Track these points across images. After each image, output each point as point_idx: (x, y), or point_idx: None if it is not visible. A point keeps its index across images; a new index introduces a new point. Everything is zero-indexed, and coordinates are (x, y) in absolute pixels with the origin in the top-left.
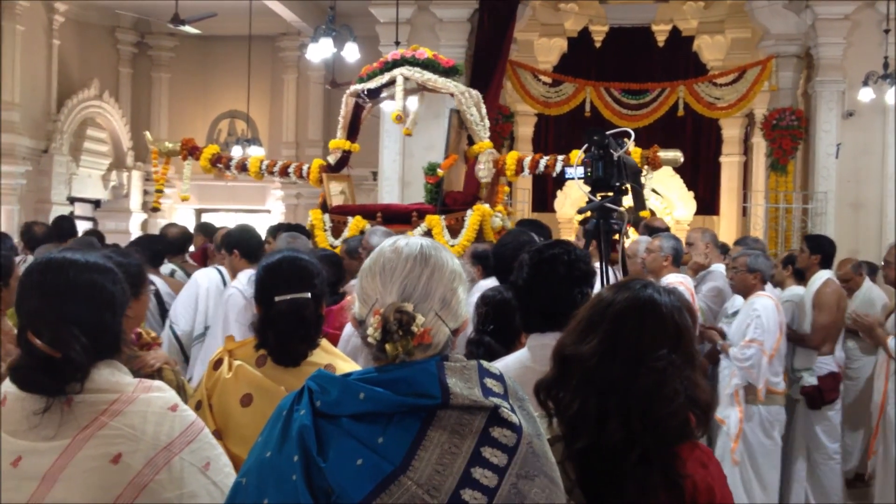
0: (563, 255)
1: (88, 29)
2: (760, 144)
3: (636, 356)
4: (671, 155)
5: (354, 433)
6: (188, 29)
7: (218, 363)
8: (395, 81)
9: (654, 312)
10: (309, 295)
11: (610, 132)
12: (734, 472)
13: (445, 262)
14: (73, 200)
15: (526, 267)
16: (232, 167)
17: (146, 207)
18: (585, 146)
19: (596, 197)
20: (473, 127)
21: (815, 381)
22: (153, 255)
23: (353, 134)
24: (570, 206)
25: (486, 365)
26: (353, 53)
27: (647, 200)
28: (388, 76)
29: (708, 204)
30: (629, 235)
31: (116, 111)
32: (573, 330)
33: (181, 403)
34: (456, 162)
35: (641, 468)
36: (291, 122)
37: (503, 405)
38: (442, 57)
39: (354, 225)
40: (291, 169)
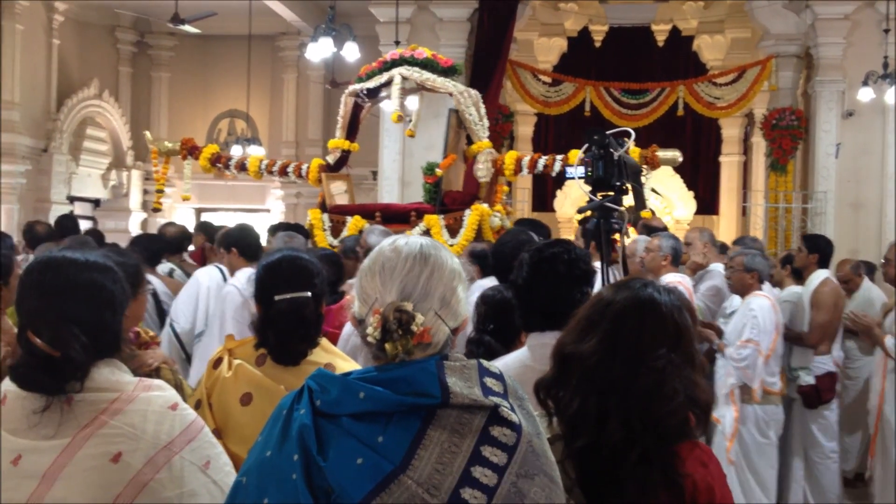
0: (563, 254)
1: (88, 28)
2: (760, 144)
3: (636, 355)
4: (669, 154)
5: (354, 432)
6: (188, 28)
7: (218, 362)
8: (393, 81)
9: (654, 312)
10: (309, 294)
11: (610, 132)
12: (730, 471)
13: (445, 261)
14: (72, 200)
15: (526, 266)
16: (231, 167)
17: (146, 207)
18: (586, 146)
19: (596, 196)
20: (472, 126)
21: (812, 380)
22: (151, 254)
23: (352, 134)
24: (569, 205)
25: (485, 364)
26: (352, 53)
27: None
28: (386, 76)
29: (708, 203)
30: (630, 235)
31: (116, 110)
32: (573, 329)
33: (181, 402)
34: (455, 161)
35: (641, 467)
36: (291, 121)
37: (503, 404)
38: (441, 56)
39: (353, 224)
40: (290, 168)
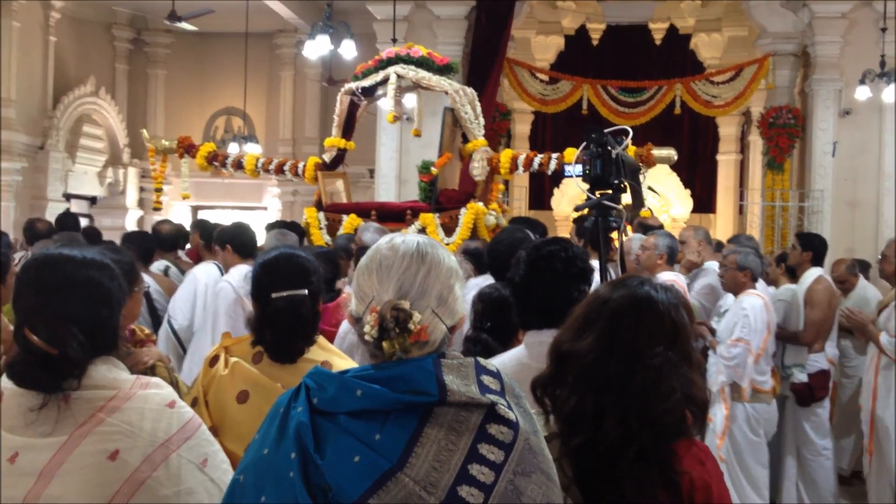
0: (560, 252)
1: (85, 25)
2: (757, 142)
3: (633, 353)
4: (665, 153)
5: (352, 430)
6: (185, 25)
7: (214, 360)
8: (389, 79)
9: (650, 310)
10: (306, 292)
11: (609, 130)
12: (721, 469)
13: (442, 259)
14: (69, 197)
15: (523, 264)
16: (228, 165)
17: (142, 204)
18: (584, 144)
19: (595, 195)
20: (468, 125)
21: (805, 378)
22: (143, 252)
23: (348, 132)
24: (566, 203)
25: (482, 362)
26: (350, 50)
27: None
28: (382, 74)
29: (705, 202)
30: (628, 233)
31: (113, 108)
32: (570, 327)
33: (179, 400)
34: (450, 160)
35: (638, 465)
36: (288, 119)
37: (500, 402)
38: (437, 55)
39: (349, 223)
40: (287, 167)
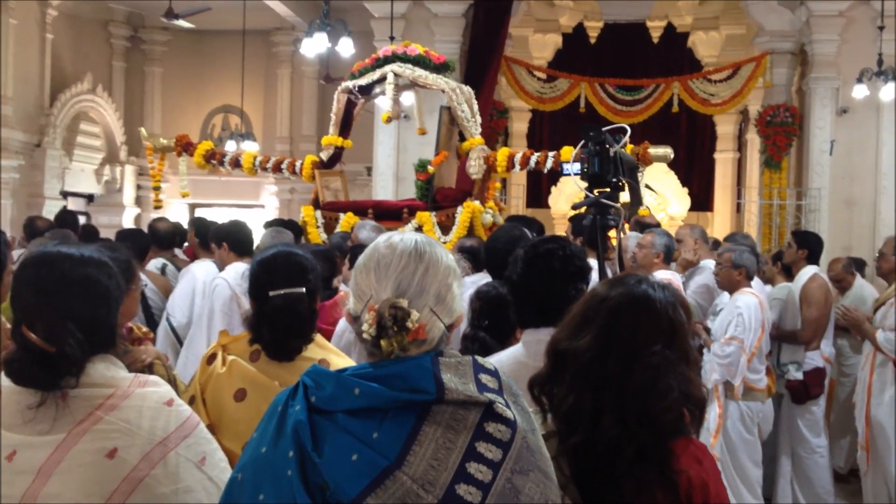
0: (557, 250)
1: (81, 23)
2: (754, 141)
3: (631, 352)
4: (661, 151)
5: (349, 429)
6: (182, 23)
7: (211, 358)
8: (386, 78)
9: (648, 308)
10: (304, 290)
11: (607, 128)
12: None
13: (440, 257)
14: (65, 195)
15: (520, 262)
16: (226, 163)
17: (139, 202)
18: (582, 142)
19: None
20: (464, 123)
21: (800, 375)
22: (138, 250)
23: (345, 130)
24: (564, 201)
25: (480, 360)
26: (347, 48)
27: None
28: (379, 73)
29: (702, 200)
30: (626, 232)
31: (109, 105)
32: (567, 325)
33: (177, 398)
34: (447, 158)
35: (637, 464)
36: (285, 116)
37: (498, 400)
38: (433, 53)
39: (346, 221)
40: (284, 165)
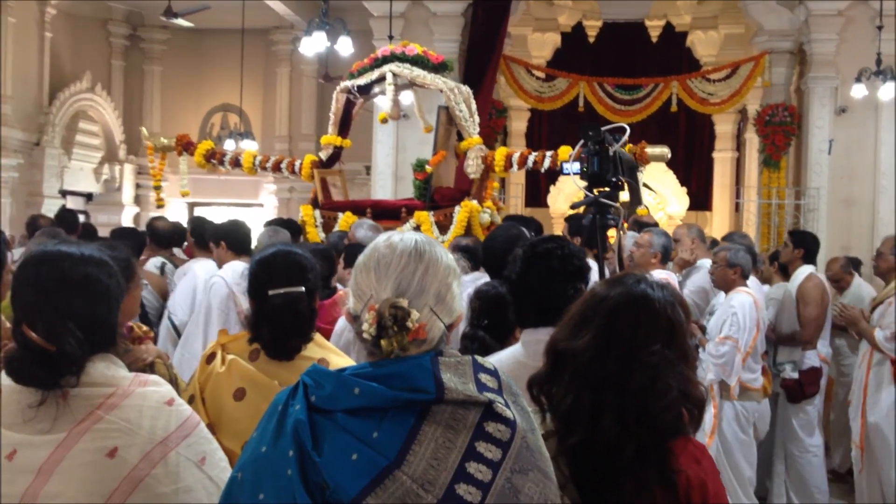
0: (556, 249)
1: (80, 21)
2: (753, 140)
3: (630, 351)
4: (658, 151)
5: (349, 428)
6: (181, 22)
7: (211, 357)
8: (384, 78)
9: (647, 308)
10: (303, 289)
11: (606, 127)
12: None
13: (440, 257)
14: (64, 193)
15: (519, 261)
16: (226, 162)
17: (138, 200)
18: (582, 141)
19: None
20: (462, 123)
21: (796, 375)
22: (133, 250)
23: (344, 130)
24: (563, 200)
25: (480, 360)
26: (346, 47)
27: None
28: (377, 72)
29: (701, 199)
30: (625, 231)
31: (108, 104)
32: (566, 325)
33: (177, 398)
34: (445, 158)
35: (636, 464)
36: (284, 115)
37: (497, 400)
38: (432, 53)
39: (344, 221)
40: (284, 165)
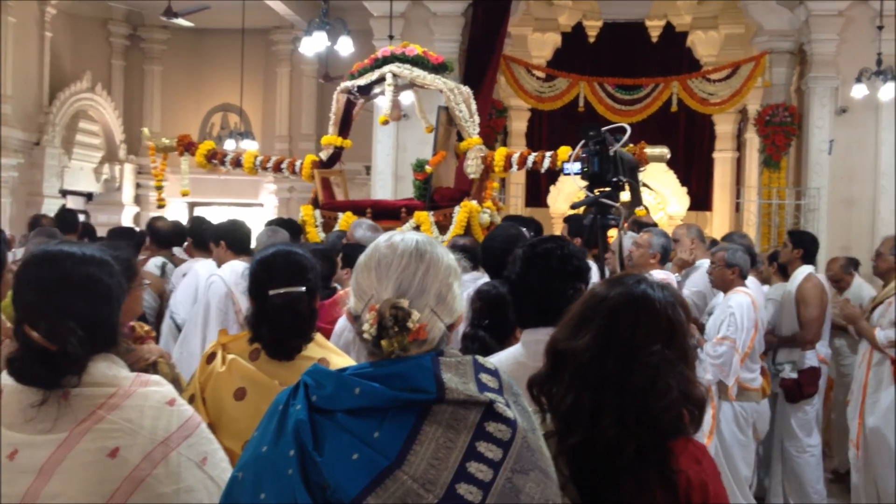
0: (556, 249)
1: (80, 21)
2: (753, 140)
3: (630, 351)
4: (657, 151)
5: (350, 428)
6: (181, 21)
7: (211, 357)
8: (384, 79)
9: (647, 308)
10: (303, 289)
11: (607, 127)
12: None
13: (441, 257)
14: (65, 193)
15: (519, 261)
16: (227, 163)
17: (138, 200)
18: (582, 142)
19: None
20: (462, 123)
21: (795, 374)
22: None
23: (344, 130)
24: (563, 200)
25: (481, 360)
26: (346, 47)
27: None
28: (377, 73)
29: (701, 199)
30: (626, 231)
31: (109, 104)
32: (566, 325)
33: (179, 398)
34: (445, 158)
35: (636, 464)
36: (284, 115)
37: (498, 400)
38: (432, 53)
39: (344, 221)
40: (284, 165)
